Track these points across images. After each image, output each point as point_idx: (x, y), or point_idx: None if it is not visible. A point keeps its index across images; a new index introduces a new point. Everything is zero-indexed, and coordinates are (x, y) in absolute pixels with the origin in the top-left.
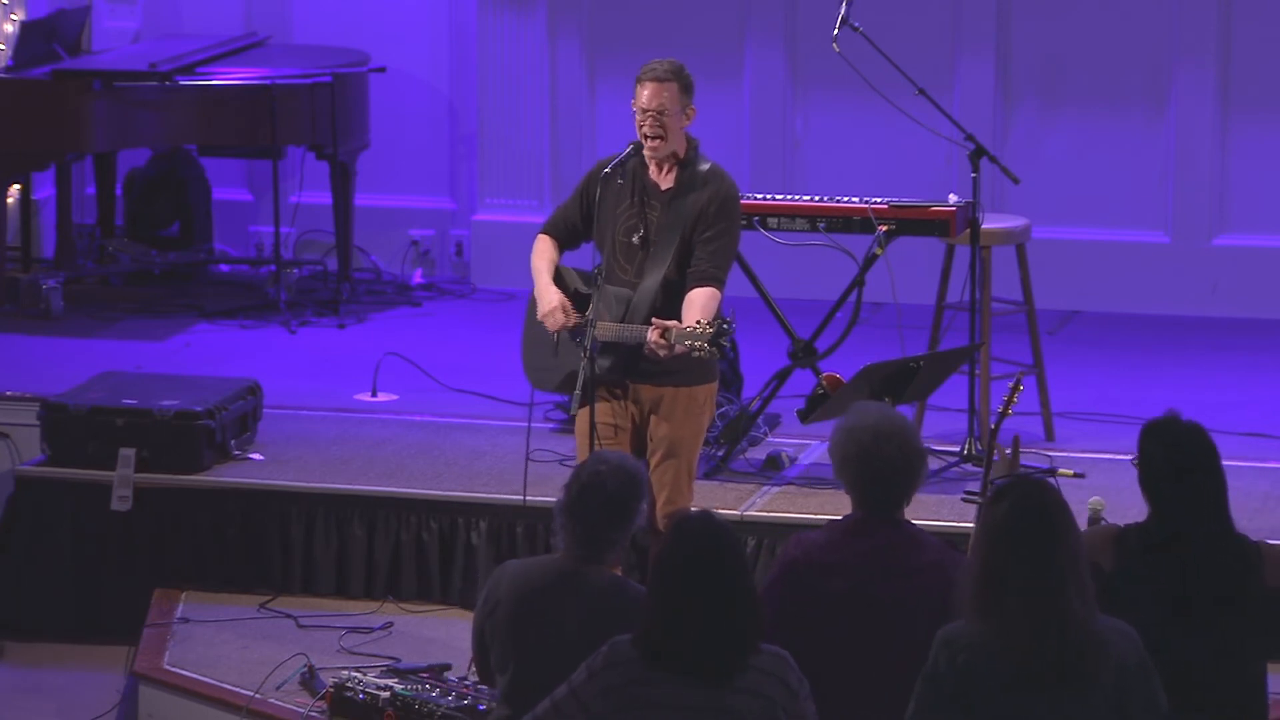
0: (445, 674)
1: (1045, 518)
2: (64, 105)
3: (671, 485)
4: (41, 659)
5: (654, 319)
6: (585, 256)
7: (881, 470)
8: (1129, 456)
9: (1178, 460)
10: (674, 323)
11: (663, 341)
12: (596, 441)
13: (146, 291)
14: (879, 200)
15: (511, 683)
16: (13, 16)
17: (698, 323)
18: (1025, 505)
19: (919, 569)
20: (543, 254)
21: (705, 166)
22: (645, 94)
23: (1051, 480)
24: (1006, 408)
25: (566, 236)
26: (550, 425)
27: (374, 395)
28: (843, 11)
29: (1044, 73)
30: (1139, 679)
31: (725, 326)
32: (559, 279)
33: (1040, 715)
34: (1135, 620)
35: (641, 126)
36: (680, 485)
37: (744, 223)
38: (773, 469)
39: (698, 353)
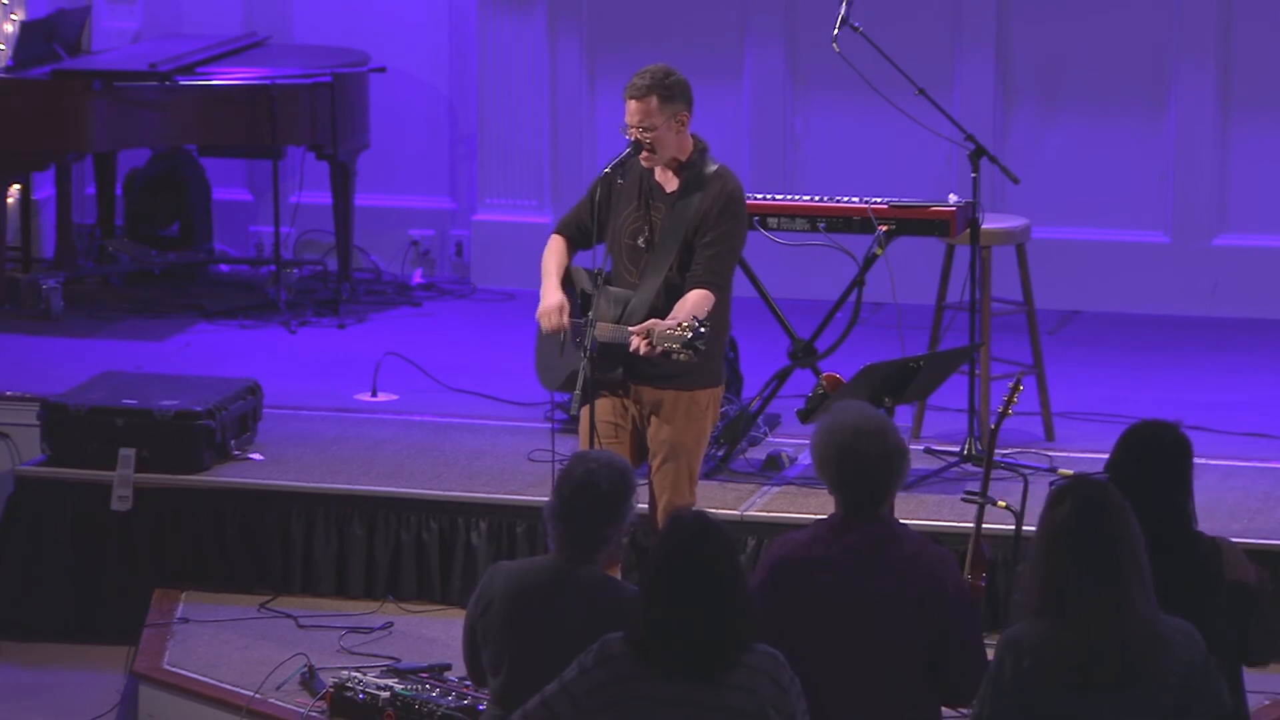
0: (445, 674)
1: (1107, 518)
2: (64, 105)
3: (673, 488)
4: (41, 659)
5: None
6: (594, 256)
7: (861, 468)
8: None
9: (1137, 470)
10: (655, 321)
11: (645, 340)
12: (596, 441)
13: (146, 291)
14: (879, 200)
15: (505, 683)
16: (13, 16)
17: (679, 324)
18: (1087, 506)
19: (900, 562)
20: (552, 254)
21: (712, 168)
22: (627, 112)
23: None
24: (1006, 408)
25: (578, 237)
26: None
27: (374, 395)
28: (843, 11)
29: (1044, 73)
30: (1203, 678)
31: (702, 330)
32: (568, 279)
33: (1105, 716)
34: None
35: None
36: (681, 488)
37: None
38: (773, 469)
39: (675, 355)
